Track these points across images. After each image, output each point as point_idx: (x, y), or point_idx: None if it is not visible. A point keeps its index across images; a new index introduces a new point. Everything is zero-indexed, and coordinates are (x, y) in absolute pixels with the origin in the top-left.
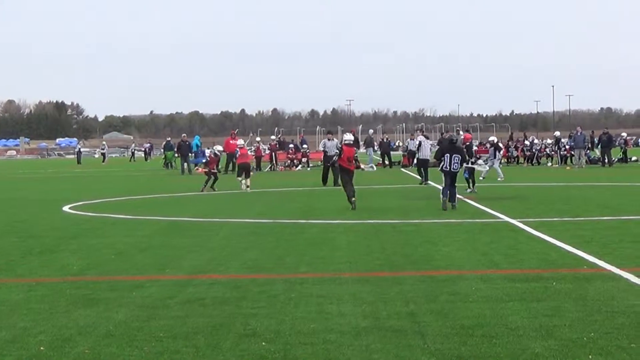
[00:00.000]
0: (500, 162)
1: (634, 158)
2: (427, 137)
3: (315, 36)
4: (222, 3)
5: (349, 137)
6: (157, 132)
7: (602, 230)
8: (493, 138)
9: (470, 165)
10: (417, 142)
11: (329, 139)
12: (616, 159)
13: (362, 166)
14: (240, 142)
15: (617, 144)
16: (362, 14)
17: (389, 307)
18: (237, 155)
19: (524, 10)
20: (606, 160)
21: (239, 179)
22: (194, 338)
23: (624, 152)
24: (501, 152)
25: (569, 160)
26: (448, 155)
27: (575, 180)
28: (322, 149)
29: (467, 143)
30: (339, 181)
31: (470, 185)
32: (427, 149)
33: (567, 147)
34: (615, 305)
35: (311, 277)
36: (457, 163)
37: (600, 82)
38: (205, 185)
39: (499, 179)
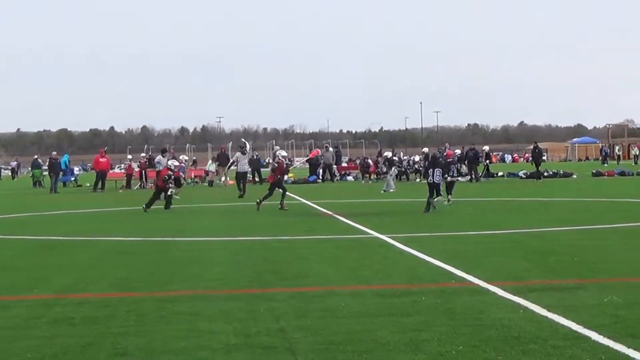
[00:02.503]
0: (370, 178)
1: (500, 173)
2: (243, 153)
3: (184, 52)
4: (84, 18)
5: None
6: (24, 150)
7: (470, 245)
8: (387, 153)
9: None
10: (235, 157)
11: (163, 156)
12: (482, 174)
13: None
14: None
15: (480, 159)
16: (231, 31)
17: (259, 324)
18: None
19: (391, 28)
20: (473, 176)
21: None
22: (62, 358)
23: (487, 167)
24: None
25: None
26: (431, 169)
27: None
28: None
29: (449, 159)
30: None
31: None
32: (245, 164)
33: None
34: (483, 318)
35: (182, 295)
36: (439, 176)
37: (467, 98)
38: (148, 205)
39: (388, 190)
